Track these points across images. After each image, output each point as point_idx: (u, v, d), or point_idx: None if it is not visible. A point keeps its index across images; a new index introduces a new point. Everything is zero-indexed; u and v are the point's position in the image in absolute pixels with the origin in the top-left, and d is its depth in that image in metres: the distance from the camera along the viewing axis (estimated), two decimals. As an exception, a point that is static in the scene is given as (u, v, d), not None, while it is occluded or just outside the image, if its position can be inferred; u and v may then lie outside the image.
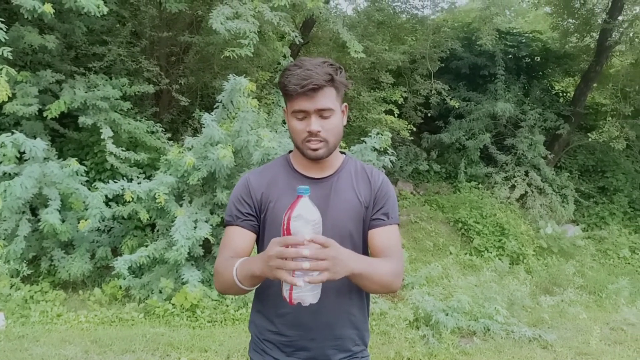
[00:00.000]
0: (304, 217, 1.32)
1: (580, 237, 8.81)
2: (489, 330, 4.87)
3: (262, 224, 1.68)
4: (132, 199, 5.05)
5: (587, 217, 9.95)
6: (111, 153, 5.81)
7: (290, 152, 1.78)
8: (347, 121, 7.46)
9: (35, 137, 5.84)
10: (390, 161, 5.89)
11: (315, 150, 1.58)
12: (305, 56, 10.33)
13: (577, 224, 9.61)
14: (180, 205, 5.38)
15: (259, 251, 1.71)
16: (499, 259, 7.59)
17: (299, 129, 1.57)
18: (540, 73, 12.38)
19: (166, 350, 4.07)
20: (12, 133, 4.68)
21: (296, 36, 6.13)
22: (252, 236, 1.67)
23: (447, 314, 4.85)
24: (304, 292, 1.34)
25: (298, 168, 1.71)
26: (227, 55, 5.73)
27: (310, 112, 1.54)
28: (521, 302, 5.61)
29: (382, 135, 5.86)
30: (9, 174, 4.94)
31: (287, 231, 1.32)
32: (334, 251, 1.31)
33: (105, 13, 5.09)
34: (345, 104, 1.69)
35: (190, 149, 5.32)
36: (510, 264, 7.49)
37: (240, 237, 1.65)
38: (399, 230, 1.72)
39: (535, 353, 4.57)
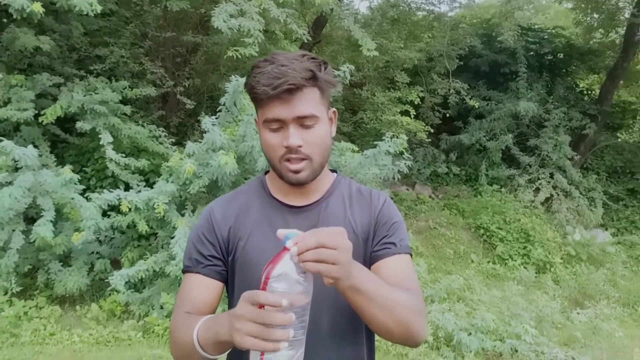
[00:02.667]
0: (290, 278, 0.94)
1: (610, 243, 8.32)
2: (516, 351, 4.45)
3: (231, 270, 1.30)
4: (129, 209, 4.74)
5: (617, 221, 9.43)
6: (111, 159, 5.50)
7: (267, 172, 1.39)
8: (361, 123, 7.06)
9: (33, 143, 5.59)
10: (407, 166, 5.50)
11: (296, 172, 1.20)
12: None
13: (606, 229, 9.10)
14: (182, 215, 5.05)
15: (230, 305, 1.35)
16: (525, 267, 7.15)
17: (274, 143, 1.20)
18: (564, 70, 11.88)
19: (161, 376, 3.74)
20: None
21: (304, 34, 5.78)
22: (217, 286, 1.29)
23: (470, 334, 4.45)
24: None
25: (275, 193, 1.33)
26: (231, 55, 5.38)
27: (287, 122, 1.16)
28: (550, 318, 5.18)
29: (397, 138, 5.46)
30: (2, 184, 4.67)
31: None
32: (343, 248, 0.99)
33: (99, 12, 4.78)
34: (334, 109, 1.30)
35: (191, 156, 4.99)
36: (536, 272, 7.05)
37: (201, 288, 1.27)
38: (412, 263, 1.33)
39: (568, 378, 4.15)
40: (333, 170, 1.42)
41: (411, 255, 1.33)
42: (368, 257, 1.29)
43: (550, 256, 7.39)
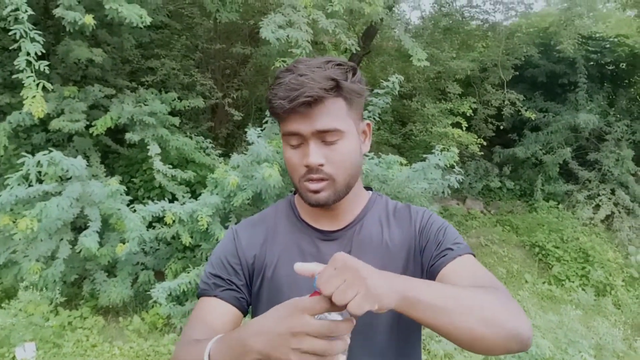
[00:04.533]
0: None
1: (677, 265, 7.75)
2: (574, 382, 4.15)
3: (256, 300, 1.17)
4: (173, 220, 4.72)
5: (685, 241, 8.80)
6: (158, 171, 5.54)
7: (296, 192, 1.27)
8: (410, 135, 6.86)
9: (85, 154, 5.69)
10: (457, 180, 5.28)
11: (316, 192, 1.07)
12: (367, 67, 9.86)
13: (673, 250, 8.50)
14: (226, 228, 4.99)
15: None
16: (583, 289, 6.73)
17: (294, 161, 1.08)
18: (627, 81, 11.26)
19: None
20: (50, 151, 4.44)
21: (352, 44, 5.66)
22: (235, 313, 1.15)
23: (523, 362, 4.17)
24: None
25: (304, 216, 1.20)
26: (278, 66, 5.32)
27: (306, 137, 1.04)
28: (612, 346, 4.82)
29: (447, 151, 5.25)
30: (52, 194, 4.74)
31: None
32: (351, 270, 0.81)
33: (148, 24, 4.80)
34: (368, 122, 1.15)
35: (235, 168, 4.94)
36: (595, 295, 6.62)
37: (217, 313, 1.13)
38: (479, 263, 1.13)
39: (632, 414, 3.82)
40: (368, 188, 1.28)
41: (474, 255, 1.14)
42: (417, 275, 1.13)
43: (611, 278, 6.94)
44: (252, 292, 1.18)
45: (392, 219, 1.21)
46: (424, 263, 1.14)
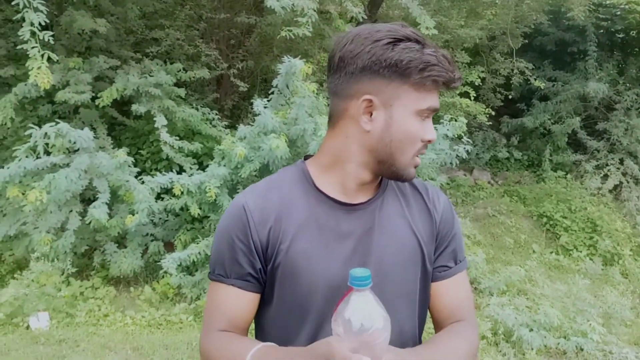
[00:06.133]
0: (361, 325, 0.81)
1: (685, 235, 7.73)
2: (582, 350, 4.17)
3: (270, 277, 1.10)
4: (182, 192, 4.72)
5: (694, 211, 8.76)
6: (165, 142, 5.52)
7: (306, 158, 1.19)
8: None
9: (91, 126, 5.67)
10: (466, 150, 5.24)
11: (416, 167, 1.10)
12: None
13: (682, 219, 8.47)
14: (233, 199, 5.00)
15: (261, 314, 1.16)
16: (590, 259, 6.74)
17: (419, 135, 1.07)
18: (637, 49, 11.04)
19: (211, 362, 3.71)
20: (57, 123, 4.42)
21: (359, 12, 5.56)
22: (255, 298, 1.12)
23: (531, 330, 4.20)
24: None
25: (324, 187, 1.11)
26: (284, 35, 5.24)
27: (433, 113, 1.09)
28: (620, 315, 4.84)
29: (456, 121, 5.21)
30: (60, 165, 4.74)
31: None
32: None
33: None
34: None
35: (242, 139, 4.91)
36: (603, 264, 6.63)
37: (237, 302, 1.11)
38: (467, 276, 1.25)
39: (640, 381, 3.85)
40: None
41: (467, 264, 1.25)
42: (428, 264, 1.16)
43: (618, 248, 6.94)
44: (266, 270, 1.11)
45: (410, 196, 1.18)
46: (433, 258, 1.18)
